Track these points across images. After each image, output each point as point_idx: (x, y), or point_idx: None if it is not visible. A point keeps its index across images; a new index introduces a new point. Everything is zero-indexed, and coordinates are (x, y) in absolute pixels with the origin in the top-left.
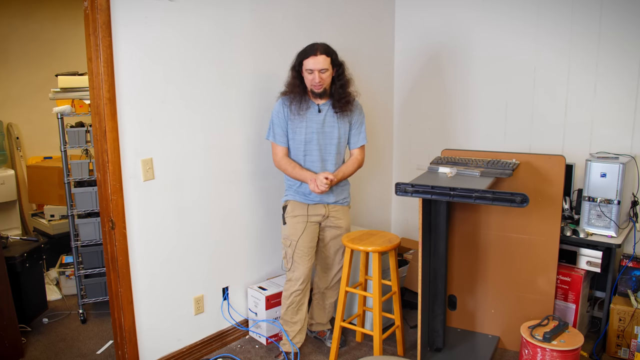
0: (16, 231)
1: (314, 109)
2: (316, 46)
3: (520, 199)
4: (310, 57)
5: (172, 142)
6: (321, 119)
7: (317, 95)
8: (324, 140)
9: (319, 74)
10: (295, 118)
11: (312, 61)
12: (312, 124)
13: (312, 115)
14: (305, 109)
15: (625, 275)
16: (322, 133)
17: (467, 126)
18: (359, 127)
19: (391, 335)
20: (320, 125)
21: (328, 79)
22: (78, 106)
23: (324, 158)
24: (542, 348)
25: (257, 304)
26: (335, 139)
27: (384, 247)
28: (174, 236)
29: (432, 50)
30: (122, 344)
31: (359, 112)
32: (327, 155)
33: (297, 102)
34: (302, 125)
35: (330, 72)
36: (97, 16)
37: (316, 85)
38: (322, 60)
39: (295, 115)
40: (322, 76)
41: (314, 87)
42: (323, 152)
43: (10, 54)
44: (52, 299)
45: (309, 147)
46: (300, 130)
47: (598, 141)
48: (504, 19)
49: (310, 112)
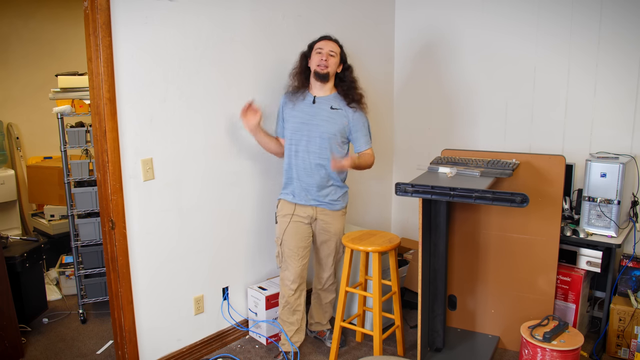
0: (16, 231)
1: (309, 100)
2: (329, 35)
3: (520, 199)
4: (322, 40)
5: (172, 142)
6: (314, 111)
7: (320, 77)
8: (312, 132)
9: (327, 54)
10: (290, 107)
11: (323, 43)
12: (302, 115)
13: (305, 106)
14: (301, 100)
15: (625, 275)
16: (311, 124)
17: (467, 126)
18: (363, 129)
19: (391, 335)
20: (311, 116)
21: (334, 65)
22: (78, 106)
23: (311, 150)
24: (542, 348)
25: (257, 304)
26: (327, 133)
27: (384, 247)
28: (174, 236)
29: (431, 50)
30: (122, 344)
31: (362, 115)
32: (314, 147)
33: (294, 91)
34: (294, 114)
35: (337, 59)
36: (97, 16)
37: (322, 64)
38: (332, 44)
39: (289, 104)
40: (330, 58)
41: (318, 68)
42: (310, 144)
43: (11, 54)
44: (52, 299)
45: (297, 136)
46: (292, 118)
47: (598, 141)
48: (504, 19)
49: (304, 103)
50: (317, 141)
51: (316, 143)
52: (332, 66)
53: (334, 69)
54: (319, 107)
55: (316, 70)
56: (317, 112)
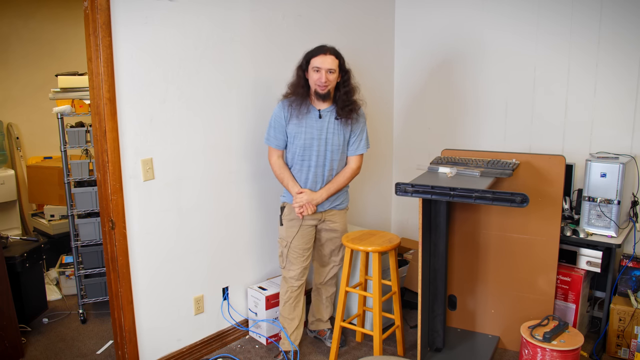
0: (16, 231)
1: (314, 114)
2: (326, 47)
3: (520, 199)
4: (319, 55)
5: (172, 142)
6: (322, 125)
7: (320, 97)
8: (324, 147)
9: (325, 73)
10: (295, 122)
11: (320, 59)
12: (312, 130)
13: (312, 121)
14: (305, 113)
15: (625, 275)
16: (322, 140)
17: (467, 126)
18: (360, 134)
19: (391, 335)
20: (321, 131)
21: (334, 81)
22: (78, 106)
23: (323, 164)
24: (542, 348)
25: (257, 304)
26: (336, 146)
27: (384, 247)
28: (174, 236)
29: (431, 50)
30: (122, 344)
31: (363, 121)
32: (326, 162)
33: (298, 104)
34: (302, 130)
35: (337, 74)
36: (97, 16)
37: (321, 85)
38: (330, 60)
39: (294, 119)
40: (329, 76)
41: (318, 88)
42: (322, 159)
43: (11, 54)
44: (52, 299)
45: (308, 152)
46: (300, 135)
47: (598, 141)
48: (504, 19)
49: (310, 117)
50: (329, 155)
51: (327, 157)
52: (332, 82)
53: (334, 84)
54: (325, 120)
55: (316, 91)
56: (324, 125)
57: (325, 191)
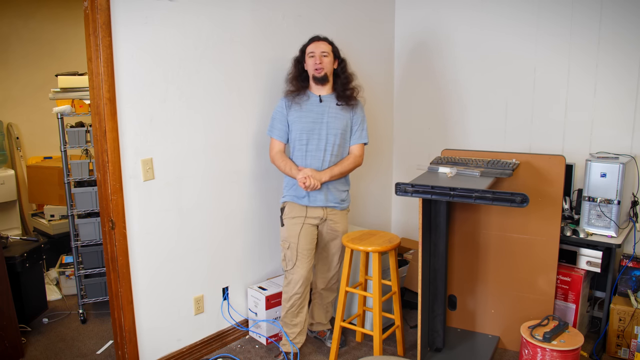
0: (16, 231)
1: (315, 99)
2: (318, 35)
3: (520, 199)
4: (312, 42)
5: (172, 142)
6: (323, 110)
7: (318, 80)
8: (325, 130)
9: (320, 56)
10: (296, 108)
11: (313, 45)
12: (312, 114)
13: (313, 106)
14: (306, 100)
15: (625, 275)
16: (323, 123)
17: (467, 126)
18: (361, 124)
19: (391, 335)
20: (322, 115)
21: (329, 65)
22: (78, 106)
23: (325, 148)
24: (542, 348)
25: (257, 304)
26: (338, 130)
27: (384, 247)
28: (174, 236)
29: (432, 49)
30: (122, 344)
31: (361, 110)
32: (328, 146)
33: (298, 94)
34: (302, 115)
35: (331, 57)
36: (97, 16)
37: (317, 68)
38: (323, 45)
39: (295, 106)
40: (323, 59)
41: (315, 72)
42: (324, 142)
43: (11, 54)
44: (52, 299)
45: (310, 135)
46: (300, 119)
47: (598, 141)
48: (504, 19)
49: (311, 103)
50: (331, 139)
51: (330, 140)
52: (328, 66)
53: (330, 68)
54: (326, 105)
55: (314, 75)
56: (325, 110)
57: (328, 172)
